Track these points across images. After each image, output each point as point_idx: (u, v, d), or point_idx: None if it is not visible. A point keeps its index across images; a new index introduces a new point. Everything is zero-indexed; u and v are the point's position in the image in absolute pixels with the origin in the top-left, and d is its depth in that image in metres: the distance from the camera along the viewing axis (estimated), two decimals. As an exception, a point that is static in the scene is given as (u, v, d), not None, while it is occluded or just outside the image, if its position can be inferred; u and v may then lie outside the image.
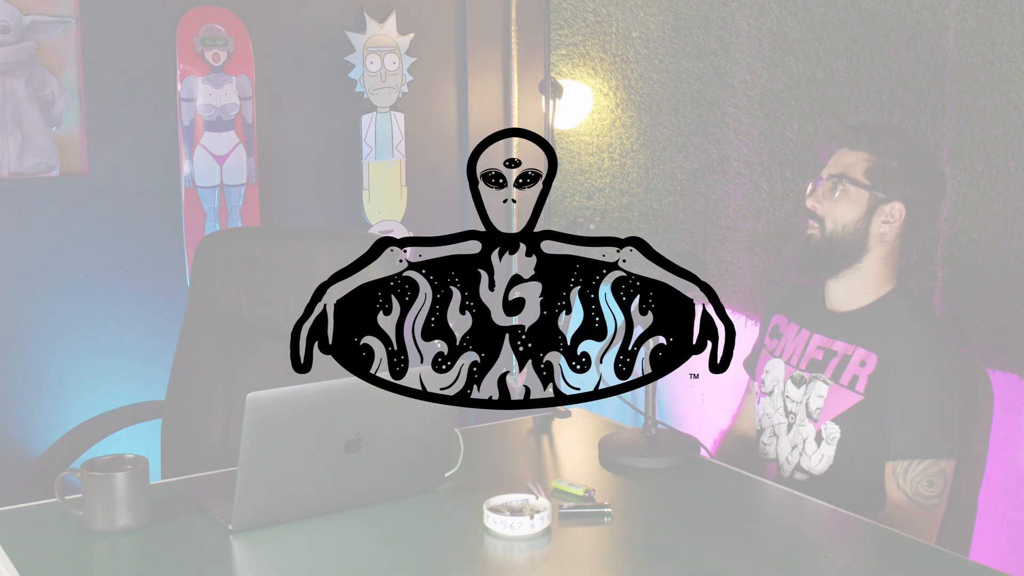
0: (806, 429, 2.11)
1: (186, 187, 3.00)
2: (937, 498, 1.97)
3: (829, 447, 2.07)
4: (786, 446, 2.15)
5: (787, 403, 2.16)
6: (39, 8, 2.78)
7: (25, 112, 2.79)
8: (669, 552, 1.65)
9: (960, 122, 2.37)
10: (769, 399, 2.21)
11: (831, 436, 2.07)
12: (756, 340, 2.38)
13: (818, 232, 2.12)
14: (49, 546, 1.65)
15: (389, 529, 1.70)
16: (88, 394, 2.86)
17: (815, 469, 2.09)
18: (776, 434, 2.18)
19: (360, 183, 3.30)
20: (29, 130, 2.80)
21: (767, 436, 2.20)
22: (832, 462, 2.07)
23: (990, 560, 1.70)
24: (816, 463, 2.09)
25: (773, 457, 2.18)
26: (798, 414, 2.13)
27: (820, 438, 2.08)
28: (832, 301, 2.17)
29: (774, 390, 2.20)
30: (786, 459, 2.14)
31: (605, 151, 3.38)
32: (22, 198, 2.79)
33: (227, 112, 3.02)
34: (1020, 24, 2.24)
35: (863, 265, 2.11)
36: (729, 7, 2.93)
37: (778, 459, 2.16)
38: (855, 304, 2.14)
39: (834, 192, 2.11)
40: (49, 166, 2.84)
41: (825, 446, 2.07)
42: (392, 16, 3.28)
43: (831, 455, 2.07)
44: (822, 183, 2.15)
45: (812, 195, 2.14)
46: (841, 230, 2.10)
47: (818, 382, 2.11)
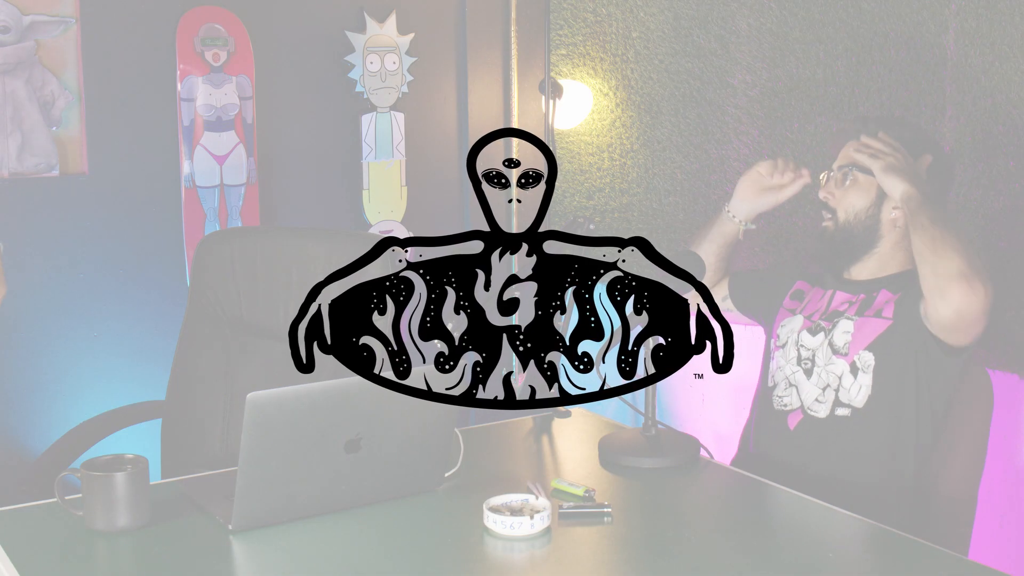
0: (838, 366, 2.14)
1: (186, 187, 3.00)
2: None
3: (866, 375, 2.11)
4: (812, 390, 2.17)
5: (801, 351, 2.20)
6: (39, 8, 2.78)
7: (25, 112, 2.79)
8: (669, 552, 1.65)
9: (960, 122, 2.37)
10: (782, 351, 2.25)
11: (866, 365, 2.11)
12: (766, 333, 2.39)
13: (831, 223, 2.20)
14: (49, 546, 1.65)
15: (389, 529, 1.70)
16: (88, 394, 2.86)
17: (855, 401, 2.12)
18: (793, 383, 2.20)
19: (360, 183, 3.30)
20: (29, 130, 2.80)
21: (782, 389, 2.23)
22: (871, 391, 2.11)
23: (990, 560, 1.70)
24: (856, 394, 2.12)
25: (796, 406, 2.19)
26: (815, 359, 2.17)
27: (856, 368, 2.12)
28: (852, 275, 2.23)
29: (788, 342, 2.24)
30: (815, 400, 2.16)
31: (605, 151, 3.38)
32: (22, 198, 2.79)
33: (227, 112, 3.02)
34: (1020, 24, 2.24)
35: (878, 251, 2.18)
36: (729, 7, 2.93)
37: (803, 405, 2.18)
38: (876, 276, 2.19)
39: (844, 182, 2.18)
40: (49, 166, 2.84)
41: (862, 375, 2.12)
42: (392, 16, 3.28)
43: (869, 384, 2.11)
44: (833, 175, 2.21)
45: (824, 187, 2.20)
46: (854, 218, 2.17)
47: (843, 320, 2.15)
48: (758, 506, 1.90)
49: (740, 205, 2.34)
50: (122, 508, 1.65)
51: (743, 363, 2.49)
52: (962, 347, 2.07)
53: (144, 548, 1.63)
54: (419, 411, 1.72)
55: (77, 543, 1.64)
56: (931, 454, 2.14)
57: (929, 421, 2.10)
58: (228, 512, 1.67)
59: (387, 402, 1.69)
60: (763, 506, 1.89)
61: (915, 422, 2.10)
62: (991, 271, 2.27)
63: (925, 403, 2.10)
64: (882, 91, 2.52)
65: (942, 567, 1.60)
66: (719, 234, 2.38)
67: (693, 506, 1.85)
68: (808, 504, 1.82)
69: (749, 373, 2.41)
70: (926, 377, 2.09)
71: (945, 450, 2.16)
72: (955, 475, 2.15)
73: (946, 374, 2.09)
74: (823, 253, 2.23)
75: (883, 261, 2.18)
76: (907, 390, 2.09)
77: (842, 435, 2.13)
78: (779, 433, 2.21)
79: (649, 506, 1.83)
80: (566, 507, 1.74)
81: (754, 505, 1.90)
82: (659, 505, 1.83)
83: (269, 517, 1.67)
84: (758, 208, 2.33)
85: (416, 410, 1.72)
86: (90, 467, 1.66)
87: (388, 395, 1.68)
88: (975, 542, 2.14)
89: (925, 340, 2.07)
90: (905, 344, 2.09)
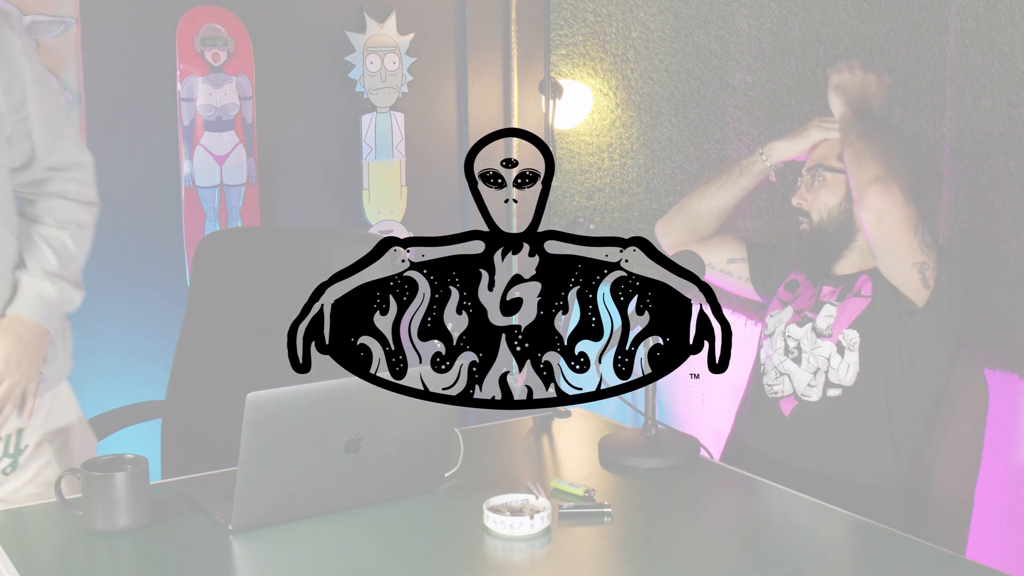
0: (824, 348, 2.16)
1: (186, 187, 3.00)
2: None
3: (852, 353, 2.14)
4: (803, 375, 2.19)
5: (787, 341, 2.22)
6: (39, 8, 2.78)
7: (25, 112, 2.79)
8: (669, 552, 1.65)
9: (960, 122, 2.37)
10: (770, 340, 2.27)
11: (851, 342, 2.14)
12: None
13: (807, 226, 2.23)
14: (49, 546, 1.65)
15: (389, 529, 1.70)
16: (88, 394, 2.86)
17: (845, 380, 2.14)
18: (784, 372, 2.22)
19: (360, 183, 3.30)
20: (29, 130, 2.80)
21: (771, 377, 2.25)
22: (859, 368, 2.13)
23: (990, 560, 1.70)
24: (844, 374, 2.14)
25: (789, 392, 2.21)
26: (801, 347, 2.19)
27: (842, 347, 2.15)
28: (836, 271, 2.25)
29: (775, 331, 2.26)
30: (808, 385, 2.18)
31: (605, 151, 3.38)
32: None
33: (227, 112, 3.02)
34: (1020, 24, 2.24)
35: (858, 244, 2.20)
36: (729, 7, 2.93)
37: (796, 392, 2.20)
38: (860, 268, 2.21)
39: (814, 183, 2.21)
40: (49, 166, 2.84)
41: (848, 353, 2.14)
42: (392, 16, 3.28)
43: (856, 361, 2.13)
44: (803, 179, 2.25)
45: (796, 194, 2.23)
46: (827, 217, 2.20)
47: (826, 305, 2.18)
48: (758, 506, 1.90)
49: (777, 146, 2.33)
50: (122, 508, 1.65)
51: (740, 358, 2.49)
52: (919, 302, 2.09)
53: (144, 548, 1.63)
54: (419, 411, 1.72)
55: (77, 543, 1.64)
56: (924, 444, 2.14)
57: (917, 400, 2.11)
58: (228, 512, 1.68)
59: (387, 402, 1.69)
60: (763, 506, 1.89)
61: (903, 402, 2.11)
62: (991, 271, 2.27)
63: (911, 379, 2.11)
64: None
65: (940, 566, 1.60)
66: (742, 178, 2.36)
67: (693, 506, 1.85)
68: (807, 504, 1.83)
69: (747, 368, 2.41)
70: (907, 349, 2.11)
71: (940, 448, 2.16)
72: (951, 474, 2.15)
73: (925, 347, 2.10)
74: (804, 256, 2.26)
75: (864, 254, 2.20)
76: (893, 366, 2.11)
77: (833, 417, 2.14)
78: (774, 420, 2.22)
79: (649, 506, 1.83)
80: (566, 507, 1.74)
81: (754, 505, 1.90)
82: (659, 505, 1.83)
83: (269, 517, 1.67)
84: (791, 151, 2.31)
85: (416, 410, 1.72)
86: (90, 467, 1.66)
87: (388, 395, 1.68)
88: (975, 542, 2.14)
89: (895, 305, 2.11)
90: (884, 317, 2.12)
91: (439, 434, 1.79)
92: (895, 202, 2.04)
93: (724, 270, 2.41)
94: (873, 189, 2.04)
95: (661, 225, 2.50)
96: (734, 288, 2.44)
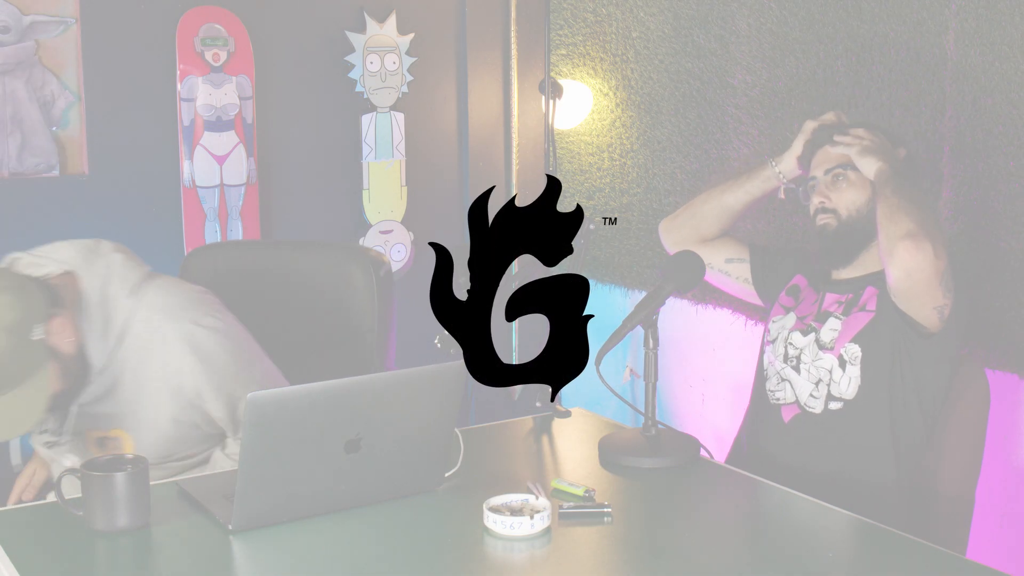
0: (826, 361, 2.17)
1: (186, 187, 3.00)
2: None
3: (853, 367, 2.14)
4: (805, 385, 2.19)
5: (788, 349, 2.23)
6: (39, 8, 2.78)
7: (25, 112, 2.80)
8: (669, 552, 1.65)
9: (960, 122, 2.37)
10: (772, 347, 2.27)
11: (853, 357, 2.14)
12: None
13: (833, 220, 2.21)
14: (49, 546, 1.65)
15: (389, 529, 1.70)
16: (88, 394, 2.86)
17: (846, 393, 2.15)
18: (785, 378, 2.23)
19: (360, 183, 3.30)
20: (29, 130, 2.80)
21: (774, 383, 2.25)
22: (860, 382, 2.14)
23: (990, 560, 1.70)
24: (846, 387, 2.15)
25: (791, 400, 2.22)
26: (801, 357, 2.20)
27: (843, 361, 2.15)
28: (842, 275, 2.25)
29: (778, 337, 2.26)
30: (810, 396, 2.19)
31: (605, 151, 3.38)
32: (22, 198, 2.79)
33: (227, 112, 3.02)
34: (1020, 24, 2.25)
35: (872, 247, 2.19)
36: (729, 7, 2.93)
37: (798, 400, 2.20)
38: (864, 273, 2.21)
39: (837, 182, 2.20)
40: (49, 166, 2.84)
41: (850, 367, 2.15)
42: (392, 16, 3.28)
43: (857, 375, 2.14)
44: (818, 180, 2.22)
45: (817, 193, 2.20)
46: (856, 214, 2.19)
47: (831, 318, 2.19)
48: (758, 506, 1.90)
49: (790, 159, 2.32)
50: (122, 508, 1.65)
51: (739, 358, 2.50)
52: (933, 330, 2.09)
53: (144, 548, 1.63)
54: (419, 411, 1.72)
55: (77, 543, 1.64)
56: (925, 450, 2.14)
57: (918, 413, 2.11)
58: (228, 512, 1.68)
59: (387, 402, 1.69)
60: (763, 506, 1.89)
61: (905, 415, 2.11)
62: (991, 271, 2.27)
63: (912, 393, 2.11)
64: (882, 91, 2.52)
65: (940, 566, 1.60)
66: (750, 184, 2.37)
67: (693, 506, 1.85)
68: (807, 504, 1.83)
69: (746, 368, 2.41)
70: (911, 364, 2.10)
71: (941, 449, 2.16)
72: (952, 474, 2.15)
73: (931, 362, 2.10)
74: (829, 250, 2.24)
75: (872, 258, 2.19)
76: (895, 381, 2.11)
77: (835, 428, 2.14)
78: (774, 426, 2.22)
79: (649, 506, 1.83)
80: (566, 507, 1.74)
81: (754, 505, 1.90)
82: (659, 505, 1.83)
83: (269, 517, 1.67)
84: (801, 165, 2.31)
85: (416, 410, 1.72)
86: (90, 467, 1.66)
87: (388, 395, 1.69)
88: (975, 542, 2.14)
89: (902, 324, 2.10)
90: (888, 334, 2.12)
91: (439, 434, 1.79)
92: (926, 259, 2.02)
93: (722, 270, 2.41)
94: (903, 245, 2.02)
95: (665, 224, 2.50)
96: (733, 289, 2.44)
